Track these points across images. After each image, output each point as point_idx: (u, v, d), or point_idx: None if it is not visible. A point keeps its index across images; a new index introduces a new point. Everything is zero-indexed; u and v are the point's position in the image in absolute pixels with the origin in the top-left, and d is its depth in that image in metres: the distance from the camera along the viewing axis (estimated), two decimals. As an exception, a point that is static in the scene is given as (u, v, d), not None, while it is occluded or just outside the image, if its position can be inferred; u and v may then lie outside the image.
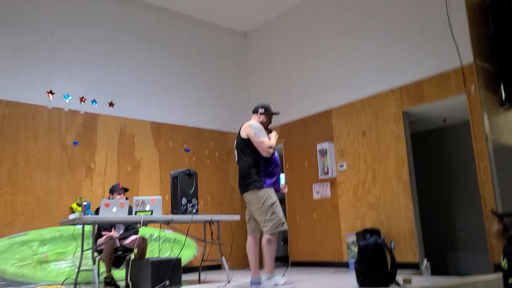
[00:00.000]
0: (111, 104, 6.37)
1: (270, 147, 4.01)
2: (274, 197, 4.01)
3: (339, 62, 6.56)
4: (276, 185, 4.16)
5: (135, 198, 4.38)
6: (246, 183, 4.09)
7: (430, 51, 5.47)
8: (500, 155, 5.17)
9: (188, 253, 6.26)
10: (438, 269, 5.88)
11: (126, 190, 4.96)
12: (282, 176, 7.38)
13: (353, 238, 5.76)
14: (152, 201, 4.42)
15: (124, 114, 6.48)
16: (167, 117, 6.93)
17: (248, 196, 4.11)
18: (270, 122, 4.36)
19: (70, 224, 4.49)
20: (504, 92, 5.23)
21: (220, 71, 7.81)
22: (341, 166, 6.29)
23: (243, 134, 4.15)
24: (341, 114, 6.42)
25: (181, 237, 6.00)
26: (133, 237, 4.78)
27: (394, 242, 5.50)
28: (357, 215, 6.02)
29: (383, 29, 6.02)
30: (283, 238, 7.77)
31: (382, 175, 5.77)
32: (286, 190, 4.42)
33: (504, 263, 3.28)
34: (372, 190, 5.87)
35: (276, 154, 4.27)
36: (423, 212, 5.60)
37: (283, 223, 3.98)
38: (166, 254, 5.92)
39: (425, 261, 4.42)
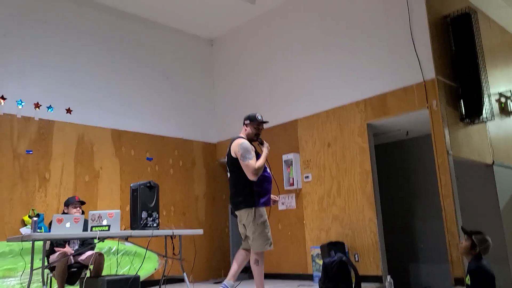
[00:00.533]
0: (68, 111, 6.09)
1: (256, 171, 3.89)
2: (264, 216, 3.98)
3: (305, 72, 6.55)
4: (267, 203, 4.08)
5: (91, 212, 4.14)
6: (238, 201, 4.02)
7: (394, 65, 5.54)
8: (460, 169, 5.29)
9: (149, 266, 6.06)
10: (400, 281, 5.94)
11: (82, 203, 4.72)
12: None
13: (317, 250, 5.73)
14: (110, 215, 4.20)
15: (83, 121, 6.20)
16: (129, 125, 6.69)
17: (239, 213, 4.04)
18: (258, 132, 4.20)
19: (18, 241, 4.19)
20: (464, 107, 5.35)
21: (186, 78, 7.64)
22: (307, 177, 6.26)
23: (233, 153, 4.06)
24: (307, 124, 6.40)
25: (141, 249, 5.77)
26: (89, 252, 4.54)
27: (358, 255, 5.50)
28: (322, 226, 5.99)
29: (349, 41, 6.05)
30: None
31: (347, 186, 5.78)
32: (277, 199, 4.29)
33: (467, 280, 3.35)
34: (337, 202, 5.86)
35: (269, 170, 4.15)
36: (386, 223, 5.64)
37: (271, 243, 3.95)
38: (125, 268, 5.69)
39: (388, 278, 4.42)
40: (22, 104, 5.67)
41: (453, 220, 4.80)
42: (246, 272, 7.49)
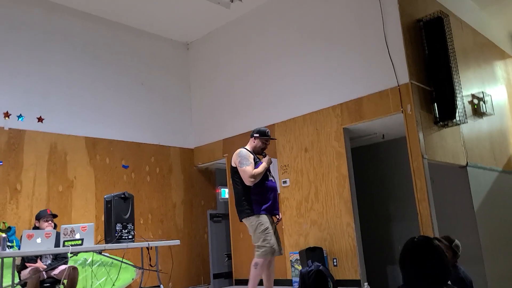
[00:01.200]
0: (40, 119, 5.93)
1: (253, 176, 4.02)
2: (266, 224, 4.03)
3: (282, 76, 6.53)
4: (273, 210, 4.19)
5: (63, 226, 4.04)
6: (239, 211, 4.16)
7: (369, 70, 5.57)
8: (435, 171, 5.35)
9: (126, 276, 5.95)
10: (378, 283, 5.99)
11: (54, 216, 4.60)
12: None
13: (296, 256, 5.72)
14: (83, 229, 4.11)
15: (55, 129, 6.05)
16: (103, 132, 6.56)
17: (245, 223, 4.17)
18: (265, 147, 4.41)
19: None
20: (438, 111, 5.42)
21: (161, 83, 7.53)
22: (284, 182, 6.25)
23: (232, 163, 4.23)
24: (284, 129, 6.38)
25: (118, 258, 5.67)
26: (62, 266, 4.44)
27: (336, 260, 5.52)
28: (300, 231, 5.99)
29: (325, 46, 6.06)
30: (226, 254, 7.64)
31: (325, 191, 5.79)
32: (280, 217, 4.37)
33: None
34: (315, 207, 5.87)
35: (273, 179, 4.30)
36: (363, 226, 5.67)
37: (274, 251, 4.02)
38: (102, 279, 5.57)
39: (365, 285, 4.44)
40: (-10, 114, 5.50)
41: (428, 224, 4.85)
42: (226, 278, 7.48)
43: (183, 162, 7.49)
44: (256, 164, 4.19)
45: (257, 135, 4.39)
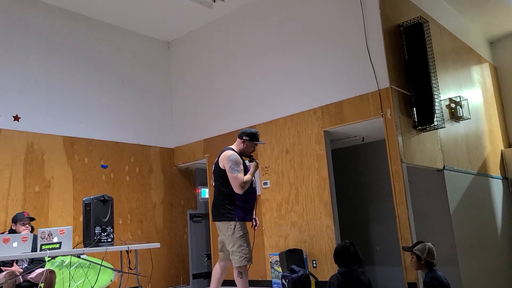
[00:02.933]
0: (16, 118, 5.79)
1: (243, 184, 3.96)
2: (244, 230, 4.01)
3: (263, 78, 6.54)
4: (249, 218, 4.15)
5: (40, 230, 3.95)
6: (220, 213, 4.06)
7: (350, 74, 5.62)
8: (413, 174, 5.45)
9: (105, 278, 5.85)
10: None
11: (32, 219, 4.51)
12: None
13: (276, 257, 5.75)
14: (61, 232, 4.04)
15: (32, 128, 5.92)
16: (82, 131, 6.45)
17: (220, 225, 4.09)
18: (253, 150, 4.32)
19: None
20: (417, 115, 5.51)
21: (142, 82, 7.44)
22: (265, 183, 6.27)
23: (221, 164, 4.09)
24: (265, 130, 6.39)
25: (96, 260, 5.60)
26: (39, 270, 4.36)
27: (316, 261, 5.57)
28: (280, 233, 6.03)
29: (306, 49, 6.09)
30: (206, 254, 7.63)
31: (305, 193, 5.83)
32: (256, 223, 4.32)
33: None
34: (295, 208, 5.91)
35: (254, 184, 4.22)
36: (342, 226, 5.73)
37: (249, 259, 3.98)
38: (79, 281, 5.48)
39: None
40: (-36, 112, 5.35)
41: (406, 227, 4.95)
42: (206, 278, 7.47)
43: (163, 162, 7.43)
44: (245, 170, 4.13)
45: (247, 138, 4.22)
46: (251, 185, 4.13)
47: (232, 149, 4.22)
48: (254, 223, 4.30)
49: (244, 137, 4.23)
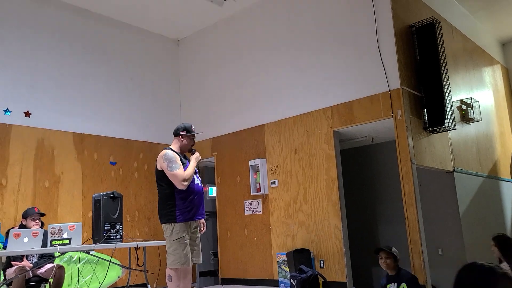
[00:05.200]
0: (27, 114, 5.83)
1: (185, 180, 3.75)
2: (182, 233, 3.78)
3: (273, 77, 6.52)
4: (195, 216, 3.91)
5: (51, 225, 4.00)
6: (161, 214, 3.89)
7: (361, 74, 5.59)
8: (423, 176, 5.41)
9: (112, 274, 5.88)
10: (363, 284, 6.06)
11: (42, 214, 4.54)
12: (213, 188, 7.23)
13: (283, 257, 5.74)
14: (71, 228, 4.07)
15: (43, 124, 5.96)
16: (92, 128, 6.48)
17: (162, 226, 3.91)
18: (193, 143, 4.14)
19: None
20: (427, 117, 5.47)
21: (151, 79, 7.46)
22: (273, 183, 6.26)
23: (158, 165, 3.88)
24: (274, 130, 6.38)
25: (105, 257, 5.63)
26: (48, 265, 4.39)
27: (323, 262, 5.56)
28: (288, 232, 6.02)
29: (317, 48, 6.06)
30: (213, 252, 7.64)
31: (313, 193, 5.82)
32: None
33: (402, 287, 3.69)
34: (303, 208, 5.89)
35: (197, 181, 3.99)
36: (350, 227, 5.71)
37: (182, 263, 3.75)
38: (88, 276, 5.52)
39: (352, 288, 4.50)
40: (-24, 107, 5.39)
41: (415, 229, 4.91)
42: (212, 276, 7.48)
43: (172, 160, 7.42)
44: (185, 166, 3.87)
45: (184, 132, 4.02)
46: (193, 181, 3.88)
47: (170, 149, 3.99)
48: (202, 228, 4.07)
49: (181, 133, 4.05)
